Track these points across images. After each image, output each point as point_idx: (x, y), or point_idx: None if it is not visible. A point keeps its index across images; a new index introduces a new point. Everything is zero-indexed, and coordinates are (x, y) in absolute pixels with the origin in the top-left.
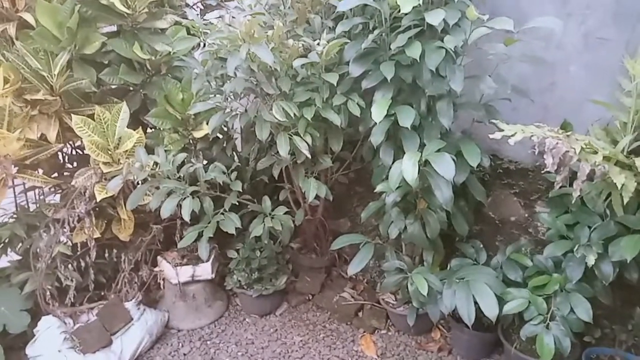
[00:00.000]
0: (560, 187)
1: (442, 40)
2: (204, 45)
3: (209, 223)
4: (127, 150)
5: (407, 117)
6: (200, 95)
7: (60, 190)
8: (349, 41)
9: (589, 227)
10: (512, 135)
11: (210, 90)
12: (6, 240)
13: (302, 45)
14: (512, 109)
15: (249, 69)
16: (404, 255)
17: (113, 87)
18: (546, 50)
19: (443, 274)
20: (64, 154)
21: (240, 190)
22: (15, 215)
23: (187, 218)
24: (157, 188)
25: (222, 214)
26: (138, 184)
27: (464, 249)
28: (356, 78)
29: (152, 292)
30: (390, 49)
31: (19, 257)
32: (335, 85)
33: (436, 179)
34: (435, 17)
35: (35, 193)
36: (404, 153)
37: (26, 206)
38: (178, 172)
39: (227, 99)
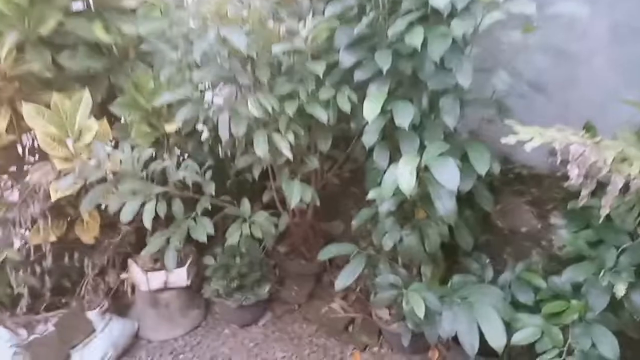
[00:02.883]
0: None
1: (449, 27)
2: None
3: (178, 227)
4: (89, 144)
5: (405, 115)
6: (173, 83)
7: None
8: (337, 25)
9: (616, 248)
10: (529, 140)
11: (184, 78)
12: None
13: (286, 29)
14: (527, 107)
15: (220, 55)
16: (399, 267)
17: (79, 73)
18: (569, 41)
19: (443, 290)
20: (24, 146)
21: (213, 193)
22: None
23: (147, 225)
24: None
25: (194, 218)
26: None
27: (468, 264)
28: (348, 68)
29: (122, 298)
30: (387, 36)
31: None
32: (322, 76)
33: (437, 188)
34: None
35: None
36: (401, 155)
37: None
38: (144, 170)
39: (199, 89)
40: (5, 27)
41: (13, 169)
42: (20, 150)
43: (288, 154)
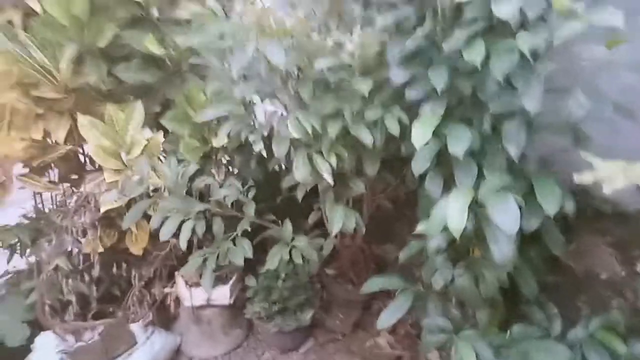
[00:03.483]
0: None
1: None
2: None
3: (218, 248)
4: (138, 157)
5: (460, 142)
6: (219, 98)
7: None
8: (388, 38)
9: None
10: (610, 180)
11: (229, 93)
12: (16, 244)
13: (334, 42)
14: (612, 132)
15: (259, 70)
16: (452, 307)
17: (135, 85)
18: None
19: (500, 340)
20: (85, 155)
21: (253, 215)
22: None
23: (183, 245)
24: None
25: (234, 239)
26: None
27: (531, 313)
28: (400, 86)
29: (169, 311)
30: (443, 50)
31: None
32: (367, 95)
33: (493, 229)
34: (506, 7)
35: (52, 195)
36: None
37: (42, 209)
38: (188, 186)
39: (244, 104)
40: (65, 40)
41: (75, 177)
42: (83, 158)
43: (329, 178)
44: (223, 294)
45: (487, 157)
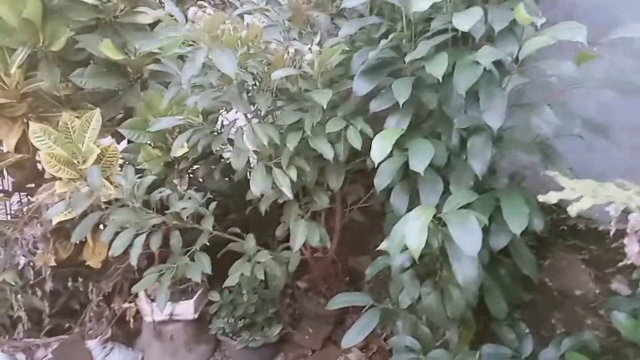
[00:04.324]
0: None
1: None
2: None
3: (175, 263)
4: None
5: (421, 157)
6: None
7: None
8: (348, 48)
9: None
10: (576, 200)
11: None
12: None
13: (294, 52)
14: (586, 149)
15: (210, 80)
16: (422, 324)
17: (98, 91)
18: None
19: (470, 359)
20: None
21: (211, 229)
22: None
23: (133, 262)
24: None
25: (192, 254)
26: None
27: (502, 334)
28: (365, 98)
29: (129, 326)
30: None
31: None
32: (325, 107)
33: (455, 249)
34: (465, 20)
35: (5, 205)
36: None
37: None
38: (146, 197)
39: (203, 113)
40: (16, 44)
41: (31, 186)
42: (40, 167)
43: (288, 193)
44: (187, 309)
45: (454, 172)
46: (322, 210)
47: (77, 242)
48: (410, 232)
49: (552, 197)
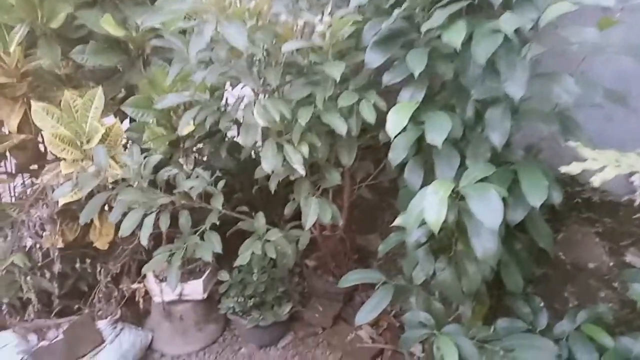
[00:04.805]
0: None
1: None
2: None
3: (185, 243)
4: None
5: (439, 130)
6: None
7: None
8: (360, 19)
9: None
10: (599, 170)
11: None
12: None
13: (304, 24)
14: (604, 119)
15: (219, 54)
16: (435, 301)
17: (100, 69)
18: None
19: (484, 334)
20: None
21: (220, 207)
22: None
23: (144, 242)
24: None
25: (202, 233)
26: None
27: (517, 307)
28: (377, 70)
29: (138, 307)
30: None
31: None
32: (338, 80)
33: (474, 223)
34: None
35: (9, 187)
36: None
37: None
38: (153, 177)
39: (210, 89)
40: (14, 21)
41: (35, 167)
42: (43, 148)
43: (300, 169)
44: (196, 289)
45: (470, 146)
46: (331, 188)
47: (84, 223)
48: (429, 206)
49: (575, 168)
